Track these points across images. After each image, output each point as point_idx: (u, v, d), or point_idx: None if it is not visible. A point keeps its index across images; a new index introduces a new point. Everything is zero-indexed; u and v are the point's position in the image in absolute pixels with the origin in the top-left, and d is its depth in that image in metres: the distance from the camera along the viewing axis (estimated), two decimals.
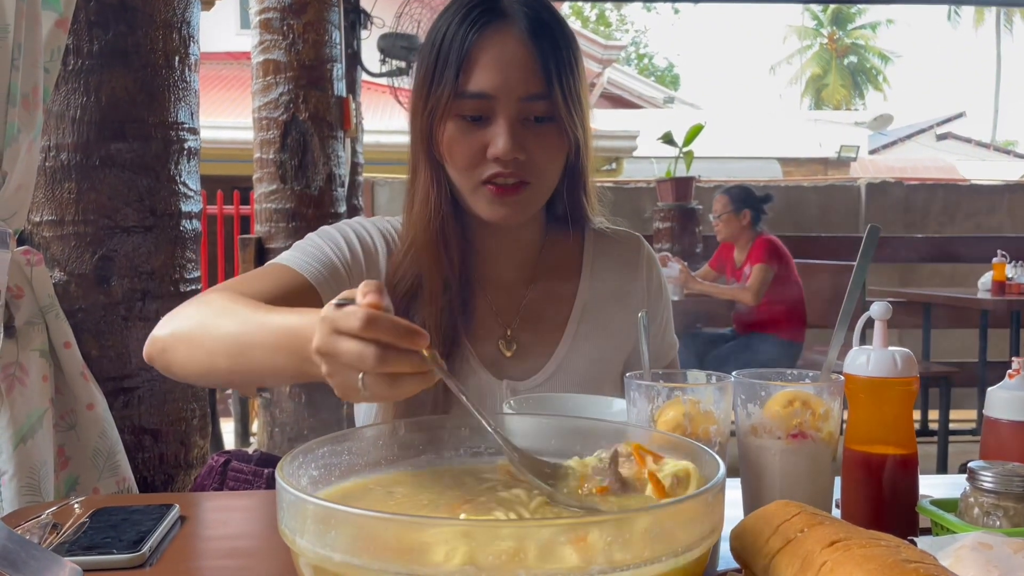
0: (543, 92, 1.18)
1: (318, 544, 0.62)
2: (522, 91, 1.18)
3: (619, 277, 1.40)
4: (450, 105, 1.19)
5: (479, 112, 1.19)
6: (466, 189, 1.24)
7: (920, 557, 0.63)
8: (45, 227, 1.82)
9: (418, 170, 1.28)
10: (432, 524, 0.62)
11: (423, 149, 1.25)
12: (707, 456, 0.75)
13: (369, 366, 0.75)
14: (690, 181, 5.56)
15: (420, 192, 1.27)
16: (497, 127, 1.18)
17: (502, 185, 1.20)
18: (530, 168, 1.20)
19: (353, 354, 0.76)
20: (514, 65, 1.17)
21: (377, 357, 0.75)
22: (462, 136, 1.20)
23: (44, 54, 1.59)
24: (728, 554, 0.80)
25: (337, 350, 0.77)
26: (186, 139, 1.95)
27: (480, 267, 1.33)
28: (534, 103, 1.19)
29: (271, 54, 3.56)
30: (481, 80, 1.17)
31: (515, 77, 1.17)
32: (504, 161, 1.18)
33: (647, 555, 0.60)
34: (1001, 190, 7.63)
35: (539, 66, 1.18)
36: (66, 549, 0.92)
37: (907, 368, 0.95)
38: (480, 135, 1.19)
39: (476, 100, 1.18)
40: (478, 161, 1.20)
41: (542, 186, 1.25)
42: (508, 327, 1.32)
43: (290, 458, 0.75)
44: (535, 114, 1.19)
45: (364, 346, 0.75)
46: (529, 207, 1.25)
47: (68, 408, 1.71)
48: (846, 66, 32.96)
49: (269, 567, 0.91)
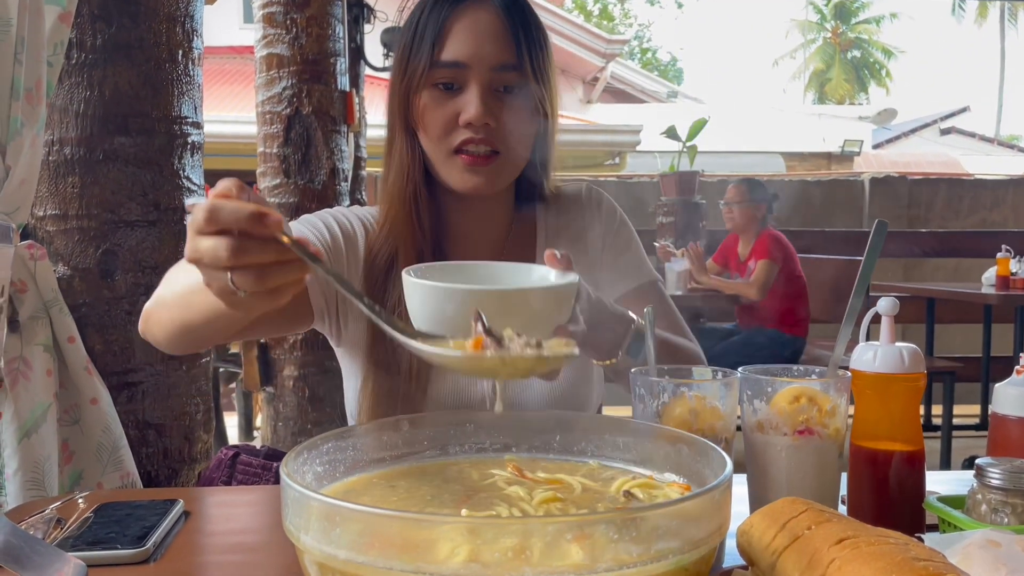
0: (514, 63, 1.24)
1: (323, 541, 0.62)
2: (494, 60, 1.23)
3: (571, 233, 1.42)
4: (426, 75, 1.24)
5: (453, 80, 1.24)
6: (439, 159, 1.27)
7: (929, 555, 0.62)
8: (49, 221, 1.81)
9: (394, 142, 1.32)
10: (438, 521, 0.61)
11: (400, 121, 1.30)
12: (714, 453, 0.75)
13: (225, 260, 0.73)
14: (694, 175, 5.54)
15: (395, 163, 1.32)
16: (469, 94, 1.23)
17: (474, 153, 1.24)
18: (501, 136, 1.25)
19: (209, 250, 0.74)
20: (487, 36, 1.23)
21: (230, 249, 0.72)
22: (436, 104, 1.25)
23: (47, 48, 1.59)
24: (734, 550, 0.80)
25: (196, 250, 0.75)
26: (190, 133, 1.95)
27: (453, 244, 1.36)
28: (506, 73, 1.24)
29: (274, 48, 3.55)
30: (455, 49, 1.23)
31: (488, 47, 1.23)
32: (476, 127, 1.22)
33: (653, 553, 0.60)
34: (1005, 184, 7.61)
35: (511, 38, 1.24)
36: (70, 544, 0.92)
37: (914, 364, 0.95)
38: (453, 103, 1.24)
39: (450, 69, 1.23)
40: (451, 128, 1.24)
41: (512, 155, 1.28)
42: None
43: (294, 454, 0.75)
44: (506, 83, 1.24)
45: (217, 240, 0.73)
46: (500, 177, 1.29)
47: (72, 403, 1.71)
48: (849, 60, 32.89)
49: (274, 563, 0.91)
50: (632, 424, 0.89)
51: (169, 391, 1.89)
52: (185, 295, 1.02)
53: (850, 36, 33.14)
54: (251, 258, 0.73)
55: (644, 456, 0.86)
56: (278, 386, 3.59)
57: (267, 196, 3.63)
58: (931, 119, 22.34)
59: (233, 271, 0.74)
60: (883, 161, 15.75)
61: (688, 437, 0.81)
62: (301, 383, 3.53)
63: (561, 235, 1.42)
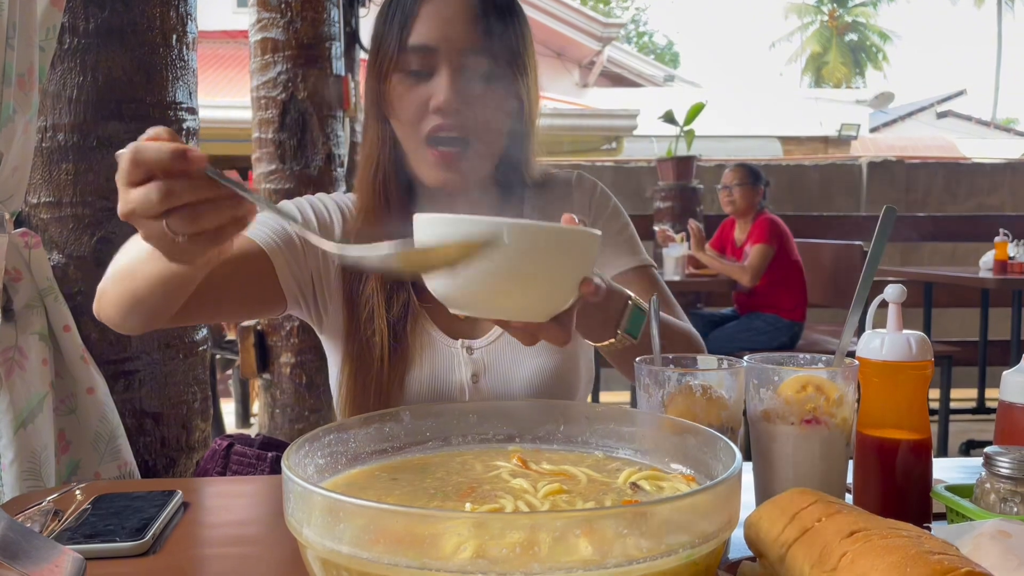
0: (485, 46, 1.20)
1: (326, 536, 0.61)
2: (464, 43, 1.19)
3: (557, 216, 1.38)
4: (396, 60, 1.21)
5: (423, 66, 1.20)
6: (410, 148, 1.25)
7: (943, 548, 0.61)
8: (43, 209, 1.79)
9: (368, 129, 1.30)
10: (443, 517, 0.60)
11: (372, 108, 1.28)
12: (722, 443, 0.74)
13: (156, 203, 0.73)
14: (691, 160, 5.53)
15: (365, 150, 1.31)
16: (439, 80, 1.20)
17: (445, 150, 1.21)
18: (472, 125, 1.21)
19: (140, 198, 0.73)
20: (456, 19, 1.20)
21: (159, 192, 0.72)
22: (406, 90, 1.22)
23: (39, 32, 1.56)
24: (741, 542, 0.79)
25: (129, 202, 0.75)
26: (185, 119, 1.92)
27: None
28: (477, 56, 1.20)
29: (269, 32, 3.52)
30: (423, 33, 1.20)
31: (457, 30, 1.19)
32: (446, 112, 1.19)
33: (663, 547, 0.59)
34: (1003, 168, 7.60)
35: (481, 21, 1.20)
36: (68, 537, 0.91)
37: (922, 352, 0.94)
38: (424, 89, 1.21)
39: (419, 54, 1.20)
40: (421, 115, 1.21)
41: (484, 145, 1.24)
42: None
43: (296, 447, 0.74)
44: (478, 67, 1.21)
45: (146, 188, 0.73)
46: (472, 171, 1.25)
47: (68, 392, 1.70)
48: (846, 44, 32.83)
49: (274, 554, 0.90)
50: (637, 414, 0.88)
51: (166, 379, 1.88)
52: (130, 266, 1.02)
53: (847, 19, 33.07)
54: (181, 198, 0.73)
55: (650, 447, 0.85)
56: (275, 373, 3.58)
57: (263, 182, 3.61)
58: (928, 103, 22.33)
59: (167, 216, 0.74)
60: (880, 145, 15.74)
61: (695, 427, 0.80)
62: (298, 370, 3.52)
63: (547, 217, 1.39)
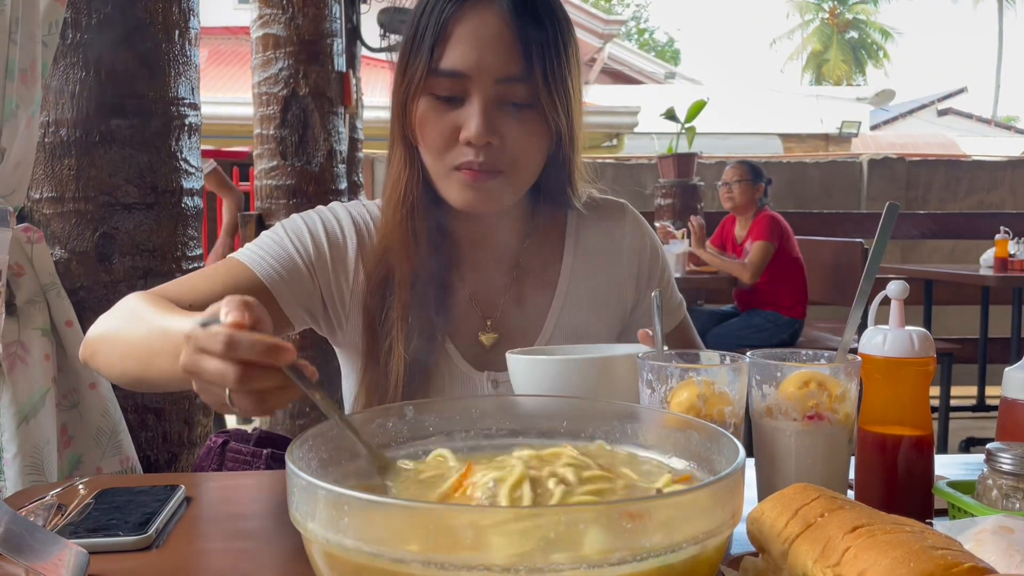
0: (522, 74, 1.11)
1: (331, 530, 0.61)
2: (499, 72, 1.10)
3: (604, 252, 1.34)
4: (423, 82, 1.12)
5: (453, 92, 1.12)
6: (437, 174, 1.17)
7: (947, 543, 0.61)
8: (45, 204, 1.80)
9: (393, 151, 1.22)
10: (447, 511, 0.60)
11: (399, 129, 1.20)
12: (725, 439, 0.74)
13: (231, 385, 0.76)
14: (692, 157, 5.53)
15: (392, 174, 1.22)
16: (470, 108, 1.11)
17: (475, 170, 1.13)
18: (505, 156, 1.13)
19: (216, 373, 0.76)
20: (492, 43, 1.10)
21: (238, 376, 0.75)
22: (434, 116, 1.13)
23: (42, 27, 1.57)
24: (742, 537, 0.79)
25: (201, 369, 0.77)
26: (187, 115, 1.93)
27: (460, 257, 1.28)
28: (512, 86, 1.11)
29: (271, 28, 3.52)
30: (455, 57, 1.10)
31: (492, 56, 1.10)
32: (476, 147, 1.11)
33: (667, 543, 0.59)
34: (1003, 166, 7.60)
35: (519, 45, 1.10)
36: (71, 531, 0.91)
37: (924, 348, 0.94)
38: (453, 116, 1.12)
39: (449, 78, 1.11)
40: (450, 144, 1.13)
41: (518, 176, 1.17)
42: (489, 318, 1.28)
43: (300, 441, 0.74)
44: (513, 98, 1.12)
45: (226, 366, 0.75)
46: (503, 197, 1.18)
47: (71, 387, 1.70)
48: (847, 41, 32.79)
49: (277, 548, 0.90)
50: (640, 410, 0.88)
51: None
52: (147, 353, 0.99)
53: (847, 17, 33.03)
54: (255, 385, 0.76)
55: (653, 442, 0.85)
56: None
57: (264, 178, 3.61)
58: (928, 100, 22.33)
59: (234, 392, 0.77)
60: (881, 142, 15.72)
61: (698, 423, 0.80)
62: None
63: (593, 249, 1.34)
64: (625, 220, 1.37)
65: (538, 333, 1.29)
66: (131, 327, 1.03)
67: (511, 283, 1.30)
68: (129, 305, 1.07)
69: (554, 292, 1.31)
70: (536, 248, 1.32)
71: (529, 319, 1.29)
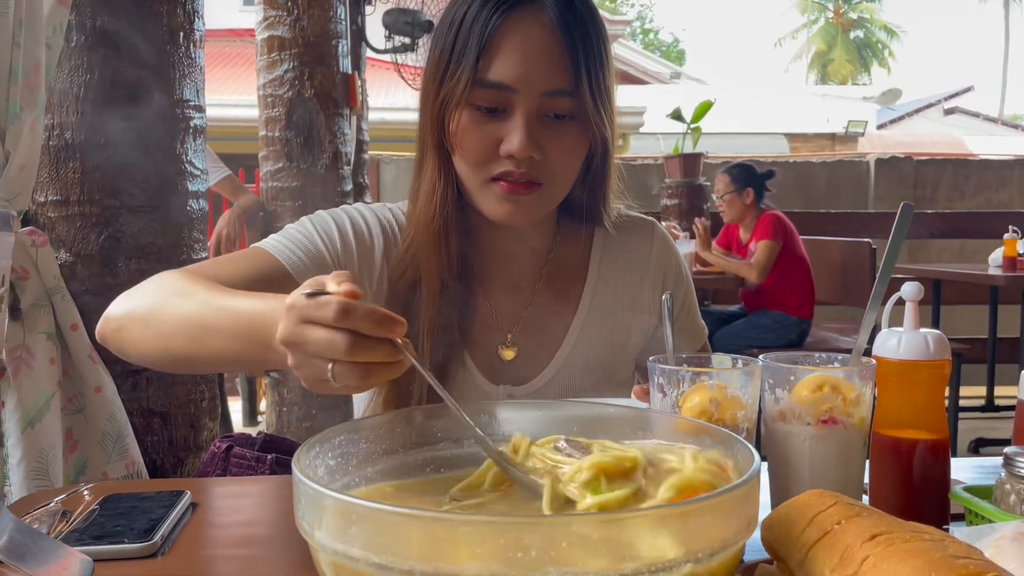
0: (569, 88, 1.10)
1: (338, 540, 0.60)
2: (546, 85, 1.09)
3: (629, 271, 1.33)
4: (465, 94, 1.10)
5: (496, 104, 1.10)
6: (473, 185, 1.16)
7: (968, 552, 0.60)
8: (50, 207, 1.79)
9: (425, 161, 1.20)
10: (461, 522, 0.59)
11: (432, 139, 1.17)
12: (739, 445, 0.72)
13: (340, 354, 0.73)
14: (698, 157, 5.51)
15: (425, 185, 1.19)
16: (514, 122, 1.09)
17: (513, 182, 1.12)
18: (545, 169, 1.12)
19: (323, 343, 0.74)
20: (539, 56, 1.08)
21: (349, 345, 0.72)
22: (475, 128, 1.11)
23: (46, 30, 1.56)
24: (757, 543, 0.78)
25: (306, 339, 0.75)
26: (192, 117, 1.92)
27: (485, 269, 1.27)
28: (558, 99, 1.10)
29: (275, 30, 3.51)
30: (502, 70, 1.08)
31: (539, 69, 1.08)
32: (518, 160, 1.10)
33: (681, 552, 0.58)
34: (1011, 165, 7.56)
35: (567, 59, 1.09)
36: (76, 538, 0.90)
37: (940, 350, 0.92)
38: (495, 128, 1.11)
39: (494, 91, 1.09)
40: (490, 156, 1.12)
41: (556, 188, 1.16)
42: (509, 332, 1.27)
43: (306, 448, 0.73)
44: (557, 111, 1.11)
45: (335, 334, 0.73)
46: (539, 209, 1.17)
47: (76, 391, 1.70)
48: (852, 40, 32.73)
49: (284, 556, 0.89)
50: (652, 415, 0.87)
51: (174, 379, 1.87)
52: (200, 330, 0.94)
53: (852, 16, 32.97)
54: (364, 356, 0.74)
55: (665, 448, 0.84)
56: (282, 371, 3.57)
57: (269, 180, 3.61)
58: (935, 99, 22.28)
59: (338, 363, 0.74)
60: (887, 142, 15.68)
61: (711, 428, 0.79)
62: None
63: (618, 267, 1.32)
64: (654, 240, 1.35)
65: (557, 349, 1.27)
66: (178, 303, 0.98)
67: (533, 298, 1.29)
68: (168, 283, 1.03)
69: (576, 309, 1.29)
70: (561, 263, 1.31)
71: (549, 335, 1.28)
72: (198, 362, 1.02)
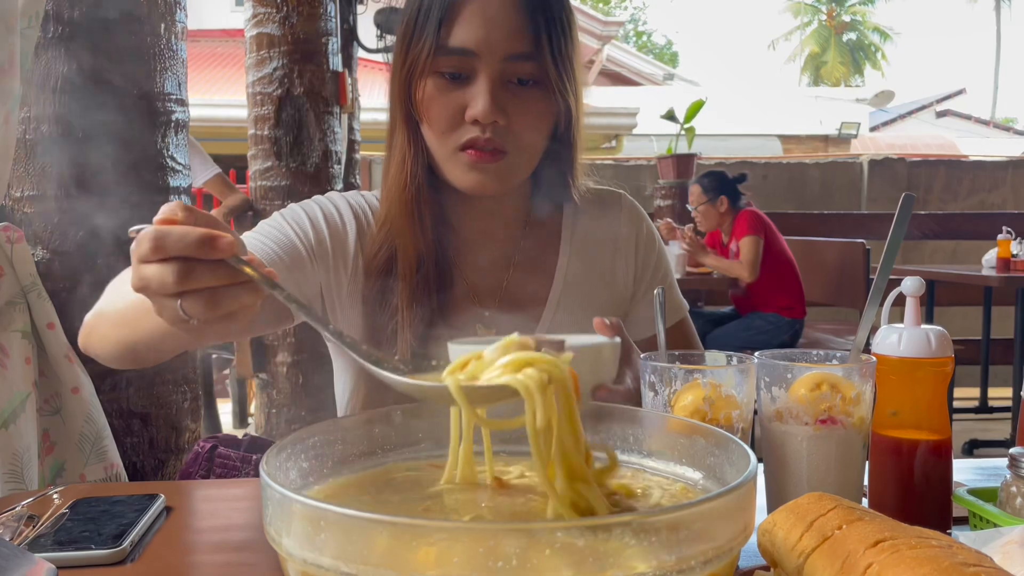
0: (530, 52, 1.11)
1: (307, 548, 0.56)
2: (507, 49, 1.10)
3: (601, 244, 1.33)
4: (429, 61, 1.12)
5: (459, 69, 1.12)
6: (442, 156, 1.17)
7: (977, 559, 0.56)
8: (26, 202, 1.75)
9: (395, 133, 1.22)
10: (435, 528, 0.55)
11: (401, 109, 1.19)
12: (735, 446, 0.68)
13: (172, 286, 0.69)
14: (691, 158, 5.51)
15: (396, 157, 1.21)
16: (477, 87, 1.11)
17: (480, 150, 1.13)
18: (510, 136, 1.13)
19: (155, 279, 0.70)
20: (500, 20, 1.10)
21: (177, 274, 0.69)
22: (440, 95, 1.13)
23: (21, 20, 1.52)
24: (753, 549, 0.74)
25: (143, 279, 0.71)
26: (173, 110, 1.88)
27: (459, 248, 1.27)
28: (520, 63, 1.11)
29: (265, 27, 3.47)
30: (463, 35, 1.10)
31: (500, 33, 1.10)
32: (483, 125, 1.11)
33: (672, 560, 0.54)
34: (1004, 166, 7.55)
35: (527, 23, 1.10)
36: (41, 544, 0.86)
37: (942, 347, 0.89)
38: (459, 95, 1.12)
39: (456, 56, 1.11)
40: (456, 123, 1.13)
41: (522, 157, 1.17)
42: (487, 309, 1.26)
43: (277, 449, 0.68)
44: (520, 75, 1.12)
45: (162, 267, 0.69)
46: (508, 177, 1.18)
47: (52, 392, 1.66)
48: (845, 43, 32.83)
49: (259, 561, 0.85)
50: (643, 414, 0.83)
51: (154, 379, 1.83)
52: (130, 313, 0.95)
53: (845, 18, 33.08)
54: (200, 282, 0.70)
55: (656, 448, 0.80)
56: (272, 373, 3.53)
57: (258, 179, 3.56)
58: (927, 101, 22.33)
59: (182, 297, 0.70)
60: (880, 143, 15.70)
61: (704, 428, 0.75)
62: (295, 370, 3.48)
63: (590, 241, 1.33)
64: (621, 209, 1.37)
65: (535, 326, 1.27)
66: (116, 298, 1.00)
67: (508, 275, 1.29)
68: (116, 280, 1.04)
69: (551, 285, 1.30)
70: (533, 240, 1.31)
71: (526, 311, 1.28)
72: (142, 349, 1.00)
